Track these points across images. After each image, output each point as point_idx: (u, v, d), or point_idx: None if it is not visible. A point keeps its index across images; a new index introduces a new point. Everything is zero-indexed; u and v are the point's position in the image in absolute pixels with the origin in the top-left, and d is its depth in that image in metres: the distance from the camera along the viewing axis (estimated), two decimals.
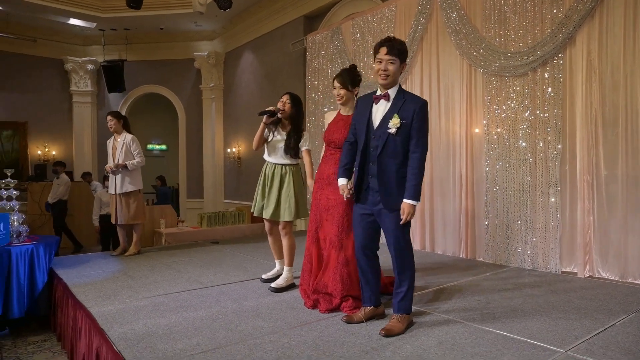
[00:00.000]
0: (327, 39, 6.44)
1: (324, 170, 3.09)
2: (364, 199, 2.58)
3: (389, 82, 2.46)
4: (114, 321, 2.65)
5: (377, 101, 2.54)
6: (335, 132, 3.04)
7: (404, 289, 2.48)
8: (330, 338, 2.38)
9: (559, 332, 2.41)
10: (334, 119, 3.13)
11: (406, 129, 2.42)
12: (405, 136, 2.43)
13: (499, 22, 4.25)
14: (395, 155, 2.45)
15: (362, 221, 2.59)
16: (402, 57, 2.47)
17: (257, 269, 4.12)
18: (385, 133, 2.45)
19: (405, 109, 2.43)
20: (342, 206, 2.91)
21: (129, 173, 4.76)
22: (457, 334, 2.41)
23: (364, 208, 2.57)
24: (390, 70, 2.44)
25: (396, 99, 2.47)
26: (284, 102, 3.45)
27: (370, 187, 2.54)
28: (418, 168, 2.41)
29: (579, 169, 3.75)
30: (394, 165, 2.45)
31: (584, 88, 3.70)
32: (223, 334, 2.45)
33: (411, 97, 2.51)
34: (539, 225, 3.99)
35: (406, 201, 2.39)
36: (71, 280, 3.68)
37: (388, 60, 2.44)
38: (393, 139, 2.44)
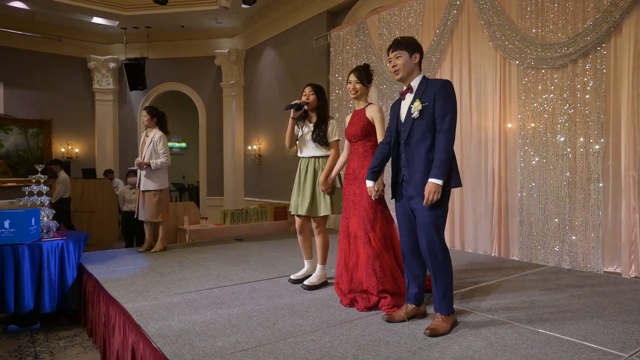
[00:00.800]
0: (351, 33, 6.34)
1: (349, 165, 3.10)
2: (400, 194, 2.54)
3: (402, 75, 2.47)
4: (150, 317, 2.60)
5: (403, 96, 2.54)
6: (352, 125, 3.07)
7: (441, 289, 2.38)
8: (373, 337, 2.29)
9: (616, 336, 2.27)
10: (351, 117, 3.15)
11: (430, 111, 2.36)
12: (430, 119, 2.37)
13: (536, 13, 4.10)
14: (422, 140, 2.38)
15: (405, 216, 2.51)
16: (409, 48, 2.46)
17: (286, 266, 4.05)
18: (410, 120, 2.43)
19: (427, 93, 2.39)
20: (367, 200, 2.86)
21: (152, 171, 4.73)
22: (505, 334, 2.30)
23: (404, 205, 2.51)
24: (399, 63, 2.45)
25: (419, 87, 2.46)
26: (307, 95, 3.38)
27: (404, 179, 2.49)
28: (443, 145, 2.31)
29: (623, 164, 3.58)
30: (422, 150, 2.38)
31: (630, 79, 3.53)
32: (262, 331, 2.38)
33: (433, 81, 2.47)
34: (578, 223, 3.83)
35: (430, 180, 2.30)
36: (101, 276, 3.66)
37: (395, 56, 2.48)
38: (418, 124, 2.39)
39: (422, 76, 2.49)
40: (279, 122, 8.39)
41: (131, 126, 10.38)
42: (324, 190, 3.25)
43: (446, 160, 2.29)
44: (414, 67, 2.48)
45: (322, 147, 3.36)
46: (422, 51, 2.51)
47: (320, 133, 3.33)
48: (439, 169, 2.28)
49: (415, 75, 2.48)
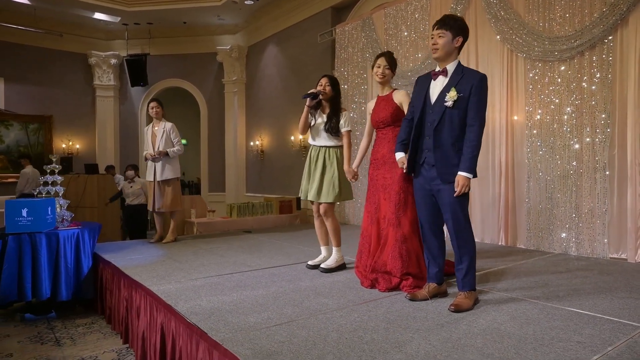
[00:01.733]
0: (357, 29, 6.42)
1: (378, 150, 3.11)
2: (419, 174, 2.59)
3: (440, 55, 2.47)
4: (178, 298, 2.66)
5: (435, 77, 2.53)
6: (380, 112, 3.09)
7: (465, 265, 2.46)
8: (400, 313, 2.37)
9: (632, 310, 2.38)
10: (375, 103, 3.19)
11: (463, 103, 2.40)
12: (462, 110, 2.41)
13: (543, 6, 4.21)
14: (451, 129, 2.43)
15: (425, 197, 2.58)
16: (454, 30, 2.45)
17: (300, 254, 4.12)
18: (442, 107, 2.45)
19: (463, 83, 2.41)
20: (398, 184, 2.91)
21: (169, 160, 4.81)
22: (526, 310, 2.39)
23: (423, 185, 2.57)
24: (440, 43, 2.44)
25: (455, 73, 2.46)
26: (323, 85, 3.46)
27: (426, 161, 2.54)
28: (475, 141, 2.37)
29: (629, 153, 3.70)
30: (450, 139, 2.43)
31: (637, 70, 3.65)
32: (290, 309, 2.45)
33: (470, 71, 2.49)
34: (585, 210, 3.95)
35: (461, 173, 2.37)
36: (120, 263, 3.70)
37: (437, 34, 2.47)
38: (450, 113, 2.43)
39: (458, 62, 2.50)
40: (282, 118, 8.46)
41: (132, 122, 10.37)
42: (352, 178, 3.32)
43: (476, 155, 2.37)
44: (454, 50, 2.48)
45: (333, 138, 3.44)
46: (467, 35, 2.51)
47: (332, 124, 3.41)
48: (469, 163, 2.35)
49: (452, 58, 2.48)
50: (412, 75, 5.46)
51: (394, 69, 3.12)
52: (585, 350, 1.86)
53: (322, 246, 3.64)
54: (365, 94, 6.34)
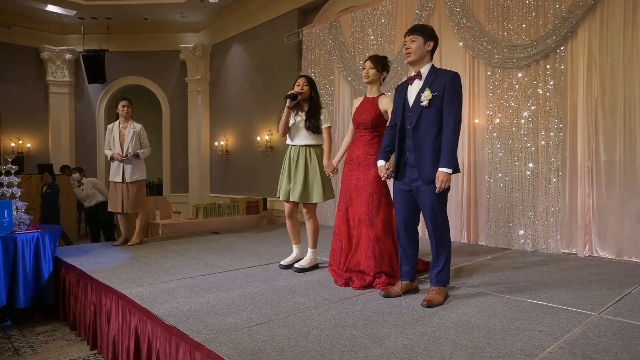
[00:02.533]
0: (324, 31, 6.51)
1: (354, 151, 3.19)
2: (402, 175, 2.68)
3: (413, 58, 2.59)
4: (153, 301, 2.62)
5: (411, 81, 2.65)
6: (363, 113, 3.15)
7: (441, 262, 2.59)
8: (376, 309, 2.46)
9: (585, 300, 2.59)
10: (361, 102, 3.24)
11: (438, 101, 2.50)
12: (438, 108, 2.50)
13: (502, 16, 4.45)
14: (429, 128, 2.52)
15: (403, 197, 2.68)
16: (425, 35, 2.58)
17: (271, 255, 4.14)
18: (419, 107, 2.55)
19: (437, 83, 2.52)
20: (371, 185, 3.01)
21: (139, 162, 4.73)
22: (493, 303, 2.54)
23: (404, 184, 2.66)
24: (412, 47, 2.57)
25: (429, 75, 2.58)
26: (301, 85, 3.51)
27: (408, 162, 2.63)
28: (451, 136, 2.47)
29: (579, 155, 3.99)
30: (429, 137, 2.52)
31: (585, 79, 3.95)
32: (269, 309, 2.48)
33: (443, 71, 2.60)
34: (540, 209, 4.22)
35: (440, 169, 2.46)
36: (86, 267, 3.58)
37: (410, 39, 2.59)
38: (427, 112, 2.52)
39: (431, 65, 2.61)
40: (248, 118, 8.41)
41: (89, 121, 9.96)
42: (331, 173, 3.36)
43: (454, 150, 2.48)
44: (426, 54, 2.59)
45: (313, 136, 3.48)
46: (437, 40, 2.63)
47: (313, 122, 3.45)
48: (449, 158, 2.45)
49: (425, 62, 2.60)
50: None
51: (380, 68, 3.15)
52: (547, 338, 2.02)
53: (293, 245, 3.68)
54: (332, 95, 6.43)
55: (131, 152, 4.68)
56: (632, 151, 3.75)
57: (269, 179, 7.86)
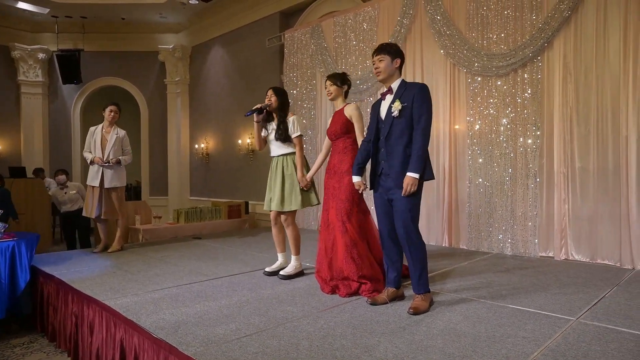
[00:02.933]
0: (306, 35, 6.52)
1: (330, 161, 3.33)
2: (379, 185, 2.76)
3: (383, 77, 2.72)
4: (138, 312, 2.59)
5: (384, 97, 2.78)
6: (332, 124, 3.30)
7: (418, 269, 2.64)
8: (364, 318, 2.49)
9: (563, 304, 2.69)
10: (331, 118, 3.37)
11: (408, 111, 2.61)
12: (408, 118, 2.61)
13: (482, 26, 4.57)
14: (400, 136, 2.62)
15: (383, 207, 2.74)
16: (391, 54, 2.71)
17: (255, 261, 4.13)
18: (390, 118, 2.66)
19: (407, 95, 2.64)
20: (344, 193, 3.10)
21: (119, 168, 4.64)
22: (477, 309, 2.61)
23: (381, 194, 2.74)
24: (381, 66, 2.70)
25: (399, 89, 2.70)
26: (269, 97, 3.52)
27: (383, 172, 2.72)
28: (420, 142, 2.56)
29: (555, 162, 4.13)
30: (400, 145, 2.62)
31: (560, 88, 4.09)
32: (257, 319, 2.49)
33: (412, 84, 2.73)
34: (519, 214, 4.34)
35: (408, 174, 2.55)
36: (66, 277, 3.50)
37: (378, 59, 2.73)
38: (397, 122, 2.63)
39: (401, 79, 2.74)
40: (229, 121, 8.35)
41: (63, 122, 9.69)
42: (304, 187, 3.40)
43: (422, 156, 2.55)
44: (395, 71, 2.72)
45: (286, 145, 3.50)
46: (403, 57, 2.75)
47: (281, 131, 3.45)
48: (415, 163, 2.53)
49: (395, 78, 2.73)
50: (362, 83, 5.66)
51: (339, 83, 3.30)
52: (530, 344, 2.09)
53: (278, 253, 3.68)
54: (314, 99, 6.45)
55: (113, 159, 4.59)
56: (604, 158, 3.91)
57: (251, 182, 7.83)
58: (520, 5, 4.30)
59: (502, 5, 4.41)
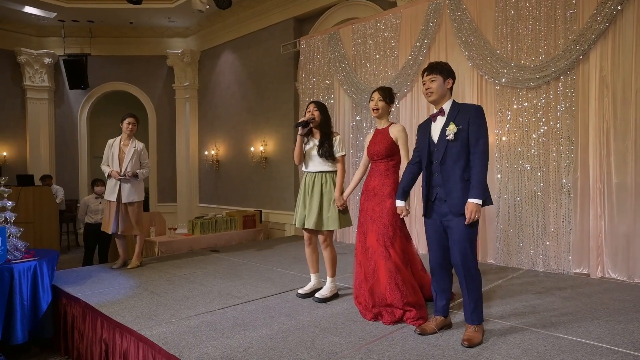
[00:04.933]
0: (323, 42, 6.40)
1: (369, 182, 3.17)
2: (432, 211, 2.64)
3: (434, 98, 2.61)
4: (179, 345, 2.46)
5: (434, 119, 2.66)
6: (375, 144, 3.15)
7: (473, 299, 2.53)
8: (418, 352, 2.37)
9: (622, 335, 2.57)
10: (372, 135, 3.24)
11: (464, 134, 2.49)
12: (464, 141, 2.50)
13: (511, 36, 4.46)
14: (457, 160, 2.51)
15: (436, 233, 2.62)
16: (444, 74, 2.60)
17: (284, 279, 4.01)
18: (444, 142, 2.54)
19: (461, 117, 2.53)
20: (387, 217, 2.98)
21: (137, 182, 4.51)
22: (533, 341, 2.50)
23: (434, 222, 2.61)
24: (433, 87, 2.59)
25: (451, 110, 2.59)
26: (311, 111, 3.42)
27: (438, 197, 2.59)
28: (479, 166, 2.45)
29: (591, 177, 4.03)
30: (457, 170, 2.50)
31: (596, 102, 3.98)
32: (306, 353, 2.36)
33: (465, 105, 2.62)
34: (551, 229, 4.24)
35: (470, 200, 2.43)
36: (91, 299, 3.37)
37: (429, 79, 2.61)
38: (453, 145, 2.51)
39: (452, 100, 2.62)
40: (241, 127, 8.22)
41: (70, 128, 9.52)
42: (340, 206, 3.29)
43: (483, 181, 2.44)
44: (446, 92, 2.61)
45: (328, 162, 3.39)
46: (454, 77, 2.64)
47: (326, 148, 3.36)
48: (478, 189, 2.42)
49: (447, 99, 2.62)
50: None
51: (388, 100, 3.16)
52: None
53: (312, 274, 3.56)
54: (332, 108, 6.33)
55: (130, 172, 4.46)
56: None
57: (264, 190, 7.70)
58: (553, 15, 4.19)
59: (534, 16, 4.31)
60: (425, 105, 5.14)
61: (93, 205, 5.90)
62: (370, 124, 5.81)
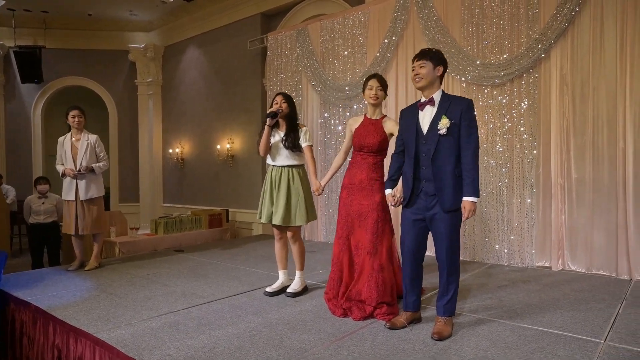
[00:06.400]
0: (292, 39, 6.32)
1: (355, 175, 3.04)
2: (415, 203, 2.57)
3: (423, 84, 2.52)
4: (139, 347, 2.32)
5: (422, 107, 2.56)
6: (367, 136, 3.01)
7: (451, 292, 2.52)
8: (388, 346, 2.34)
9: (583, 323, 2.64)
10: (361, 123, 3.10)
11: (455, 129, 2.44)
12: (455, 136, 2.45)
13: (477, 34, 4.53)
14: (449, 156, 2.45)
15: (414, 226, 2.57)
16: (434, 60, 2.53)
17: (251, 278, 3.91)
18: (435, 135, 2.47)
19: (452, 110, 2.46)
20: (376, 212, 2.90)
21: (94, 177, 4.27)
22: (500, 332, 2.52)
23: (416, 213, 2.56)
24: (422, 72, 2.51)
25: (442, 101, 2.51)
26: (279, 103, 3.35)
27: (424, 190, 2.52)
28: (472, 163, 2.42)
29: (553, 172, 4.14)
30: (449, 166, 2.45)
31: (557, 100, 4.10)
32: (274, 351, 2.28)
33: (456, 98, 2.56)
34: (515, 224, 4.33)
35: (466, 199, 2.40)
36: (43, 303, 3.14)
37: (419, 65, 2.54)
38: (445, 140, 2.45)
39: (442, 91, 2.55)
40: (207, 125, 8.01)
41: (22, 124, 8.99)
42: (317, 192, 3.24)
43: (476, 178, 2.41)
44: (436, 79, 2.53)
45: (294, 156, 3.33)
46: (446, 65, 2.57)
47: (291, 139, 3.30)
48: (472, 187, 2.39)
49: (436, 88, 2.53)
50: (350, 90, 5.52)
51: (386, 90, 3.08)
52: None
53: (280, 270, 3.48)
54: (299, 104, 6.24)
55: (84, 167, 4.22)
56: (600, 169, 3.94)
57: (230, 189, 7.53)
58: (517, 15, 4.29)
59: (498, 15, 4.39)
60: (394, 103, 5.15)
61: (35, 206, 5.57)
62: (339, 120, 5.78)
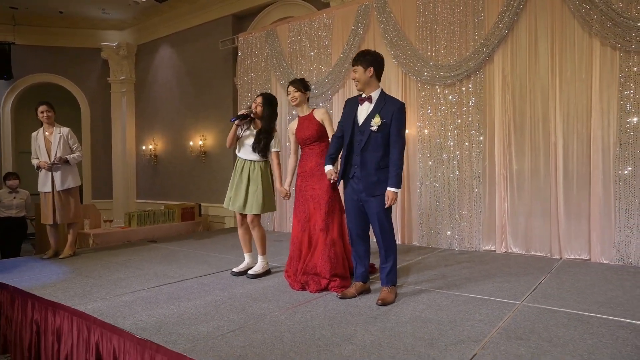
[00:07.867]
0: (261, 39, 6.61)
1: (306, 164, 3.40)
2: (349, 186, 2.94)
3: (360, 87, 2.88)
4: (114, 315, 2.58)
5: (362, 102, 2.92)
6: (304, 130, 3.40)
7: (390, 264, 2.88)
8: (337, 311, 2.67)
9: (508, 291, 3.04)
10: (298, 123, 3.48)
11: (386, 127, 2.80)
12: (385, 133, 2.81)
13: (430, 38, 4.94)
14: (376, 149, 2.82)
15: (354, 206, 2.93)
16: (365, 63, 2.84)
17: (220, 262, 4.18)
18: (368, 130, 2.83)
19: (386, 110, 2.82)
20: (327, 194, 3.26)
21: (69, 168, 4.46)
22: (436, 298, 2.89)
23: (352, 195, 2.92)
24: (356, 76, 2.87)
25: (378, 101, 2.86)
26: (257, 104, 3.61)
27: (355, 175, 2.90)
28: (398, 160, 2.80)
29: (497, 164, 4.58)
30: (375, 158, 2.82)
31: (500, 99, 4.54)
32: (236, 316, 2.58)
33: (391, 99, 2.91)
34: (465, 212, 4.75)
35: (389, 189, 2.78)
36: (19, 284, 3.34)
37: (353, 70, 2.90)
38: (375, 136, 2.81)
39: (380, 90, 2.88)
40: (179, 122, 8.20)
41: None
42: (285, 197, 3.56)
43: (400, 173, 2.79)
44: (369, 80, 2.85)
45: (259, 156, 3.60)
46: (377, 65, 2.87)
47: (260, 143, 3.54)
48: (396, 179, 2.76)
49: (373, 87, 2.86)
50: (317, 88, 5.85)
51: (304, 89, 3.43)
52: (486, 325, 2.38)
53: (245, 253, 3.77)
54: None
55: (58, 158, 4.40)
56: (536, 160, 4.40)
57: (203, 184, 7.75)
58: (465, 21, 4.71)
59: (449, 20, 4.81)
60: None
61: (6, 200, 5.70)
62: None
